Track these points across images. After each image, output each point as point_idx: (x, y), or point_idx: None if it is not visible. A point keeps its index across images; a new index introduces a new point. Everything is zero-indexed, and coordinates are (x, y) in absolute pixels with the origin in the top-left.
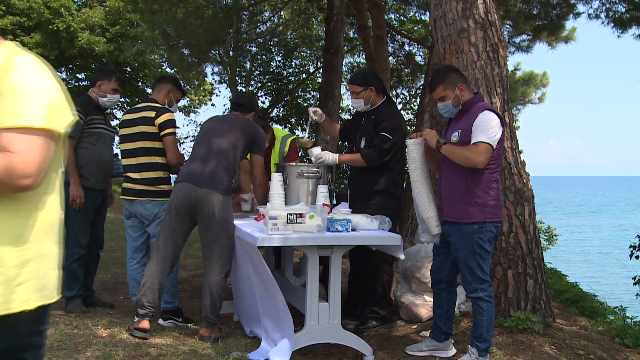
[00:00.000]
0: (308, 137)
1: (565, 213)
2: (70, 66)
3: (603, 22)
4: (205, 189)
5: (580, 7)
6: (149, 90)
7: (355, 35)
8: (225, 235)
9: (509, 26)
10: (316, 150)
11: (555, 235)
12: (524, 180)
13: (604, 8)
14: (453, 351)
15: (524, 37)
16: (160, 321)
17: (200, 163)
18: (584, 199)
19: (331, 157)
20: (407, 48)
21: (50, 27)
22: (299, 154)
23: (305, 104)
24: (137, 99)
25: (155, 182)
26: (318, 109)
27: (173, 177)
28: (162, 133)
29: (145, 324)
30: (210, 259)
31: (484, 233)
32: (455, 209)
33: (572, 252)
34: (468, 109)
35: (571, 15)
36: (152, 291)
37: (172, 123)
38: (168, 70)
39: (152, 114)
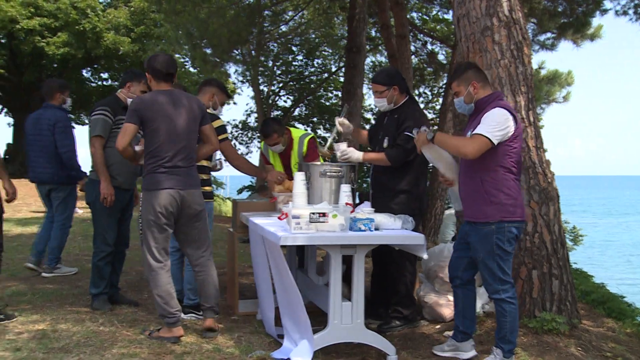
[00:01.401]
0: (328, 149)
1: (592, 213)
2: (95, 66)
3: (631, 19)
4: (187, 189)
5: (607, 4)
6: None
7: (378, 34)
8: (207, 225)
9: (533, 24)
10: (342, 146)
11: (581, 236)
12: (549, 180)
13: (632, 4)
14: (472, 353)
15: (549, 35)
16: (182, 315)
17: (173, 166)
18: (610, 198)
19: (356, 154)
20: (429, 47)
21: (77, 27)
22: (319, 152)
23: (328, 103)
24: None
25: None
26: (346, 121)
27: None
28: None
29: (181, 331)
30: (201, 250)
31: (503, 233)
32: (472, 209)
33: (600, 253)
34: (483, 108)
35: (598, 12)
36: (172, 298)
37: (223, 129)
38: (191, 70)
39: None
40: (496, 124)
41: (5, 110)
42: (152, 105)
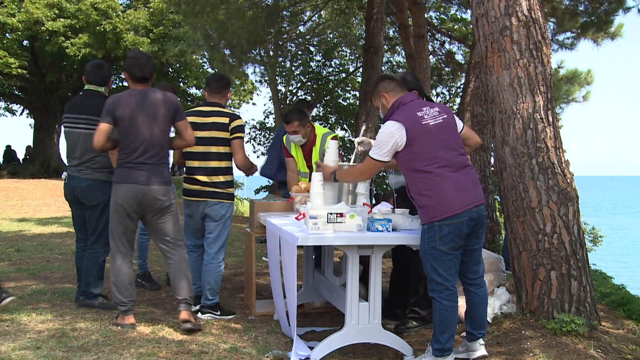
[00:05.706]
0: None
1: (615, 213)
2: (115, 67)
3: None
4: (150, 185)
5: (630, 2)
6: (190, 91)
7: (396, 34)
8: (178, 220)
9: (552, 23)
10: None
11: (600, 237)
12: (568, 180)
13: None
14: (481, 352)
15: (568, 34)
16: (200, 315)
17: (140, 162)
18: (635, 198)
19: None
20: (447, 47)
21: (97, 28)
22: (340, 153)
23: (345, 103)
24: (179, 100)
25: (224, 185)
26: (365, 139)
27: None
28: (232, 136)
29: (132, 319)
30: (175, 244)
31: (433, 232)
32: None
33: (624, 254)
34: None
35: (620, 11)
36: (132, 287)
37: (243, 128)
38: (210, 70)
39: (226, 119)
40: (381, 145)
41: (27, 112)
42: (124, 104)
